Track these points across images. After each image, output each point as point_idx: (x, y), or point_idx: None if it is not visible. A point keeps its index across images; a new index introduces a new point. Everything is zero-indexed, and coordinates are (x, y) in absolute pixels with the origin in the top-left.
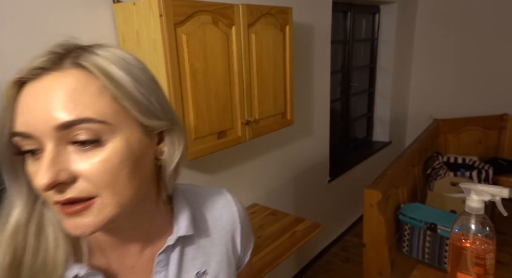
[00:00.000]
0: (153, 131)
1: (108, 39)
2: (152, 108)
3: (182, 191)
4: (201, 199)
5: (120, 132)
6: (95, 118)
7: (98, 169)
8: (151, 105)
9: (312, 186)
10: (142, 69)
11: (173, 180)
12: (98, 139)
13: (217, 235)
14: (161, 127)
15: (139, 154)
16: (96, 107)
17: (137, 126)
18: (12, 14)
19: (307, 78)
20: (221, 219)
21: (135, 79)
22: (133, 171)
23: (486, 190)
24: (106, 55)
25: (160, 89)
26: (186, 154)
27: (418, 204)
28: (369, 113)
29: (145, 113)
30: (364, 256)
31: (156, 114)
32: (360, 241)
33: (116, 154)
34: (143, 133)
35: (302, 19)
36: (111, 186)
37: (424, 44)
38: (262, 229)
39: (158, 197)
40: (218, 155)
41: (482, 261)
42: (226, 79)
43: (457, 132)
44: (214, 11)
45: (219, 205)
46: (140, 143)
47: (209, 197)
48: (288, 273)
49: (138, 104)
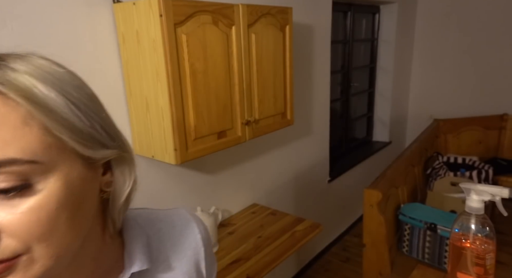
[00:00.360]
0: (98, 162)
1: (108, 39)
2: (95, 135)
3: (134, 218)
4: (158, 223)
5: (55, 170)
6: (20, 158)
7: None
8: (93, 132)
9: (312, 186)
10: (78, 86)
11: (123, 213)
12: (26, 184)
13: (178, 263)
14: (108, 157)
15: (81, 193)
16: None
17: (77, 159)
18: (12, 14)
19: (307, 78)
20: (182, 244)
21: (70, 100)
22: (74, 215)
23: (486, 190)
24: (28, 70)
25: (103, 110)
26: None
27: (418, 204)
28: (369, 113)
29: (86, 142)
30: (364, 256)
31: (101, 141)
32: (360, 241)
33: (51, 199)
34: (85, 166)
35: (302, 19)
36: (44, 239)
37: (424, 44)
38: (262, 229)
39: (104, 233)
40: (218, 155)
41: (482, 261)
42: (226, 79)
43: (457, 132)
44: (214, 11)
45: (179, 228)
46: (81, 179)
47: (167, 220)
48: (288, 273)
49: (76, 133)
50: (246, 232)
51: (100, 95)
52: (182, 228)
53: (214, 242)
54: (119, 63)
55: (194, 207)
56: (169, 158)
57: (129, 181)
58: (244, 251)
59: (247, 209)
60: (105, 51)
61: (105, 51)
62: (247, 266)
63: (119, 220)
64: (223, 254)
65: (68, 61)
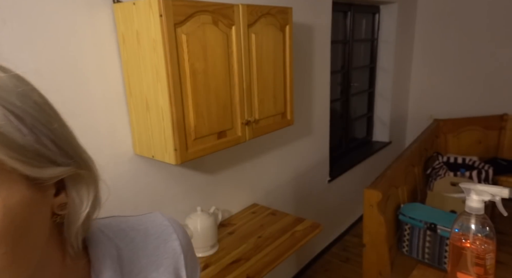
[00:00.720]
0: (47, 182)
1: (108, 39)
2: (42, 151)
3: (101, 230)
4: (130, 232)
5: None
6: None
7: None
8: (40, 148)
9: (312, 186)
10: (23, 93)
11: (82, 235)
12: None
13: (155, 274)
14: (59, 176)
15: (25, 221)
16: None
17: (18, 180)
18: (12, 14)
19: (307, 78)
20: (158, 253)
21: (10, 110)
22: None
23: (486, 190)
24: None
25: (56, 120)
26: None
27: (418, 204)
28: (369, 113)
29: (30, 160)
30: (364, 256)
31: (50, 158)
32: (360, 241)
33: None
34: (30, 188)
35: (302, 19)
36: None
37: (424, 44)
38: (262, 229)
39: (64, 256)
40: (218, 155)
41: (482, 261)
42: (226, 79)
43: (457, 132)
44: (214, 11)
45: (154, 236)
46: (25, 204)
47: (139, 228)
48: (288, 273)
49: (17, 150)
50: (246, 232)
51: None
52: (157, 235)
53: (214, 242)
54: (119, 63)
55: (194, 207)
56: (169, 158)
57: (86, 202)
58: (244, 251)
59: (247, 209)
60: (105, 51)
61: (105, 51)
62: (247, 266)
63: (77, 243)
64: (223, 254)
65: (68, 61)
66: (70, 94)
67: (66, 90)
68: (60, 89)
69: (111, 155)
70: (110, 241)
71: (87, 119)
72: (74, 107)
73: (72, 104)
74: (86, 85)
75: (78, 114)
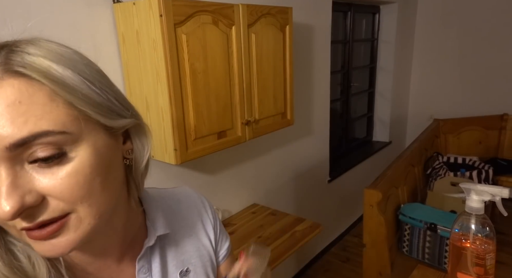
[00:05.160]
0: (118, 131)
1: (108, 39)
2: (113, 107)
3: (149, 193)
4: (168, 199)
5: (83, 140)
6: (53, 130)
7: (69, 184)
8: (111, 104)
9: (312, 186)
10: (87, 64)
11: (144, 177)
12: (61, 153)
13: (191, 231)
14: (127, 126)
15: (109, 159)
16: (51, 117)
17: (100, 129)
18: (12, 14)
19: (307, 78)
20: (190, 215)
21: (84, 77)
22: (106, 178)
23: (486, 190)
24: (42, 53)
25: (113, 84)
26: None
27: (418, 204)
28: (369, 113)
29: (106, 114)
30: (364, 256)
31: (118, 112)
32: (360, 241)
33: (85, 165)
34: (108, 136)
35: (302, 19)
36: (86, 199)
37: (424, 44)
38: (262, 229)
39: (129, 199)
40: (218, 155)
41: (482, 261)
42: (226, 79)
43: (457, 132)
44: (214, 11)
45: (185, 203)
46: (107, 147)
47: (174, 196)
48: (288, 273)
49: (96, 106)
50: (246, 232)
51: None
52: (188, 204)
53: None
54: (119, 63)
55: None
56: (169, 158)
57: (147, 146)
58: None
59: (247, 209)
60: (105, 51)
61: (105, 51)
62: None
63: (142, 185)
64: None
65: None
66: None
67: None
68: None
69: None
70: (156, 201)
71: None
72: None
73: None
74: None
75: None
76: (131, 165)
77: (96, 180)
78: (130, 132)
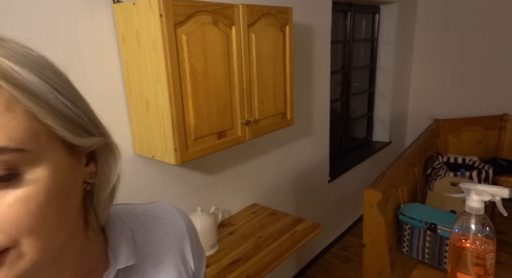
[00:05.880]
0: (84, 151)
1: (108, 39)
2: (81, 122)
3: (116, 213)
4: (142, 217)
5: (42, 159)
6: (7, 146)
7: (17, 212)
8: (79, 119)
9: (312, 186)
10: (56, 71)
11: (108, 207)
12: (12, 174)
13: (165, 257)
14: (94, 145)
15: (69, 184)
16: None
17: (63, 148)
18: (12, 14)
19: (307, 78)
20: (167, 237)
21: (52, 85)
22: (61, 207)
23: (486, 190)
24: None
25: (83, 97)
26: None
27: (418, 204)
28: (369, 113)
29: (74, 130)
30: (364, 256)
31: (87, 129)
32: (360, 241)
33: (40, 190)
34: (70, 156)
35: (302, 19)
36: (34, 231)
37: (424, 44)
38: (262, 229)
39: (87, 229)
40: (218, 155)
41: (482, 261)
42: (226, 79)
43: (457, 132)
44: (214, 11)
45: (163, 221)
46: (69, 169)
47: (150, 214)
48: (288, 273)
49: (63, 120)
50: (246, 232)
51: (100, 95)
52: (167, 221)
53: (214, 242)
54: (119, 63)
55: (194, 207)
56: (169, 158)
57: (115, 170)
58: (244, 251)
59: (247, 209)
60: (105, 51)
61: (105, 51)
62: (247, 266)
63: (103, 214)
64: (223, 254)
65: (68, 61)
66: None
67: None
68: None
69: None
70: (124, 224)
71: None
72: None
73: None
74: (86, 85)
75: None
76: (93, 190)
77: (51, 209)
78: (96, 153)
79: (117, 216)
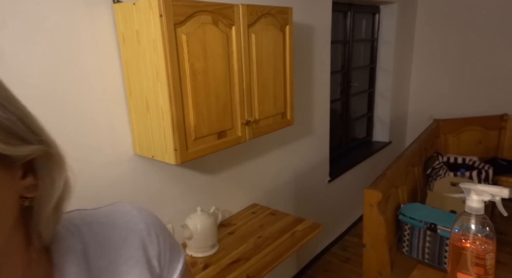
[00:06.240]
0: (18, 162)
1: (108, 39)
2: (14, 128)
3: (63, 225)
4: (96, 226)
5: None
6: None
7: None
8: (11, 125)
9: (312, 186)
10: None
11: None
12: None
13: (124, 267)
14: (31, 155)
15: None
16: None
17: None
18: (12, 14)
19: (307, 78)
20: (127, 245)
21: None
22: None
23: (486, 190)
24: None
25: (18, 100)
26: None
27: (418, 204)
28: (369, 113)
29: (4, 137)
30: (364, 256)
31: (21, 136)
32: (360, 241)
33: None
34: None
35: (302, 19)
36: None
37: (424, 44)
38: (262, 229)
39: (28, 249)
40: (218, 155)
41: (482, 261)
42: (226, 79)
43: (457, 132)
44: (214, 11)
45: (121, 227)
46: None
47: (105, 221)
48: (288, 273)
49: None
50: (246, 232)
51: (100, 95)
52: (125, 226)
53: (214, 242)
54: (119, 63)
55: (194, 207)
56: (169, 158)
57: (58, 182)
58: (244, 251)
59: (247, 209)
60: (105, 51)
61: (105, 51)
62: (247, 266)
63: (47, 232)
64: (223, 254)
65: (68, 61)
66: (70, 94)
67: (66, 90)
68: (60, 89)
69: (111, 155)
70: (74, 237)
71: (87, 119)
72: (74, 107)
73: (72, 104)
74: (86, 85)
75: (78, 114)
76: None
77: None
78: (35, 163)
79: (65, 229)
